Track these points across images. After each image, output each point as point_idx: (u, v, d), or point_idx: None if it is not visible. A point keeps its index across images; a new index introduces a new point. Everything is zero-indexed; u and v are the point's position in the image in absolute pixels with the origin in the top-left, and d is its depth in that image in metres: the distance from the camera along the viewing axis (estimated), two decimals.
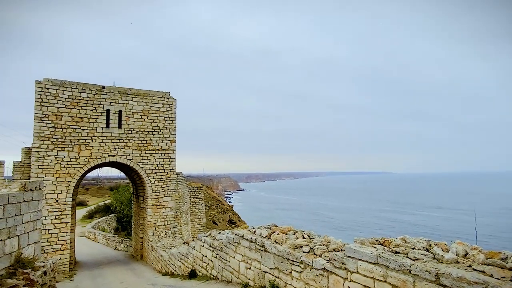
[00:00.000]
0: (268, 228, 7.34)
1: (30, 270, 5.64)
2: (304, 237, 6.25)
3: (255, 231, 7.06)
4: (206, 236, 9.15)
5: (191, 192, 24.32)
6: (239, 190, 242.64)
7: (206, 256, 8.92)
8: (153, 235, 16.59)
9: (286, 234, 6.53)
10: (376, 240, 4.54)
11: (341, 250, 4.90)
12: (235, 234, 7.38)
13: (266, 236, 6.53)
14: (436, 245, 4.01)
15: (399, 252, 4.04)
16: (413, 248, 4.06)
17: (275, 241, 6.15)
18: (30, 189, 6.23)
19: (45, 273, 5.99)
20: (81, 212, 46.54)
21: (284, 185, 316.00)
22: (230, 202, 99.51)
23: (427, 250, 3.98)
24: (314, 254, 5.22)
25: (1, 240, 5.31)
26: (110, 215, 38.90)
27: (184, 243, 15.63)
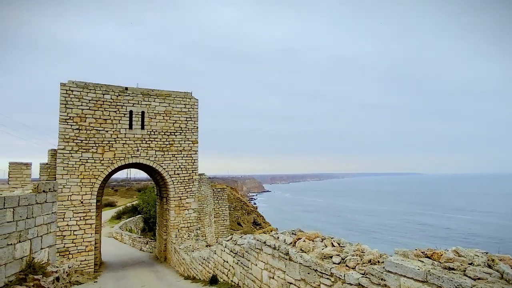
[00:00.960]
0: (292, 233, 6.73)
1: (41, 276, 5.37)
2: (333, 245, 5.59)
3: (278, 237, 6.48)
4: (227, 240, 8.67)
5: (214, 194, 24.06)
6: (264, 191, 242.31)
7: (227, 262, 8.43)
8: (176, 237, 16.39)
9: (313, 241, 5.90)
10: (422, 252, 3.83)
11: (379, 262, 4.22)
12: (257, 240, 6.83)
13: (291, 243, 5.92)
14: (501, 260, 3.26)
15: (453, 268, 3.32)
16: (470, 264, 3.33)
17: (301, 249, 5.53)
18: (44, 191, 5.99)
19: (57, 279, 5.72)
20: (109, 212, 47.81)
21: (309, 186, 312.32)
22: (254, 203, 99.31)
23: (490, 266, 3.24)
24: (346, 266, 4.56)
25: (11, 244, 5.06)
26: (137, 216, 39.54)
27: (206, 246, 15.29)
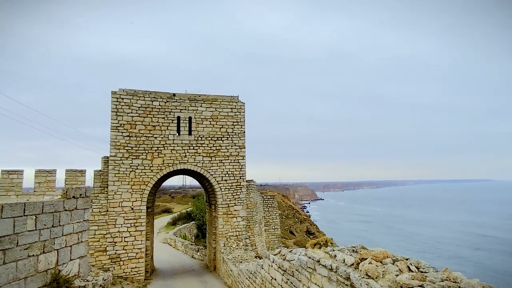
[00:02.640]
0: (353, 250, 5.48)
1: None
2: (410, 269, 4.27)
3: (335, 255, 5.28)
4: (275, 255, 7.62)
5: (264, 201, 23.15)
6: (316, 199, 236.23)
7: (275, 280, 7.37)
8: (224, 246, 15.73)
9: (381, 262, 4.62)
10: None
11: None
12: (309, 257, 5.69)
13: (352, 264, 4.70)
14: None
15: None
16: None
17: (367, 274, 4.29)
18: (73, 197, 5.55)
19: None
20: (166, 219, 49.48)
21: (365, 194, 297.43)
22: (307, 211, 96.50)
23: None
24: None
25: (33, 255, 4.59)
26: (191, 222, 40.17)
27: (256, 257, 14.35)
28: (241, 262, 13.02)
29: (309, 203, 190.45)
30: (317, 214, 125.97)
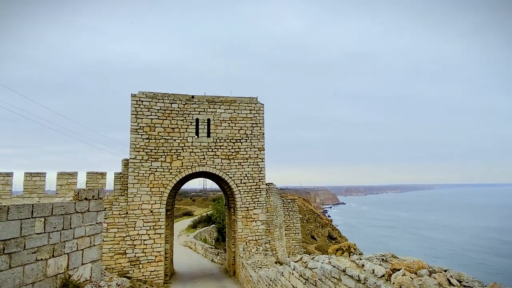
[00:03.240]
0: (383, 259, 4.97)
1: None
2: (451, 283, 3.75)
3: (363, 265, 4.79)
4: (296, 261, 7.17)
5: (284, 205, 22.63)
6: (338, 203, 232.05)
7: None
8: (243, 250, 15.37)
9: (416, 273, 4.11)
10: None
11: None
12: (333, 266, 5.22)
13: (383, 276, 4.21)
14: None
15: None
16: None
17: (400, 287, 3.80)
18: (86, 198, 5.35)
19: None
20: (186, 222, 49.73)
21: (389, 199, 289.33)
22: (328, 216, 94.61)
23: None
24: None
25: (41, 259, 4.39)
26: (212, 226, 40.10)
27: (276, 262, 13.90)
28: (261, 267, 12.61)
29: (331, 207, 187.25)
30: (339, 218, 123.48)
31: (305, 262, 6.75)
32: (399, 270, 4.16)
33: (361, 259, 5.01)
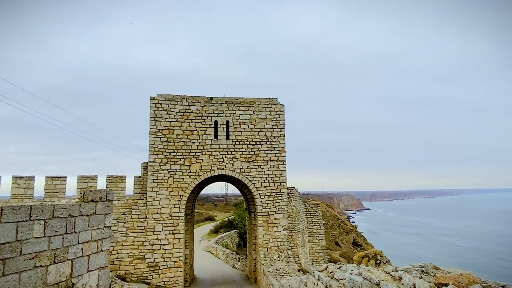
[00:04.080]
0: (423, 271, 4.27)
1: None
2: None
3: (400, 277, 4.12)
4: (321, 271, 6.53)
5: (307, 210, 21.84)
6: (363, 209, 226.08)
7: None
8: (264, 257, 14.77)
9: None
10: None
11: None
12: (365, 278, 4.57)
13: None
14: None
15: None
16: None
17: None
18: (92, 200, 5.00)
19: None
20: (208, 226, 49.64)
21: (416, 204, 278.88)
22: (353, 222, 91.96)
23: None
24: None
25: (41, 266, 4.03)
26: (233, 231, 39.71)
27: (299, 270, 13.20)
28: (283, 275, 11.98)
29: (355, 213, 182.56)
30: (364, 224, 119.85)
31: (331, 272, 6.11)
32: (446, 285, 3.48)
33: (397, 271, 4.34)
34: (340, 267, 6.13)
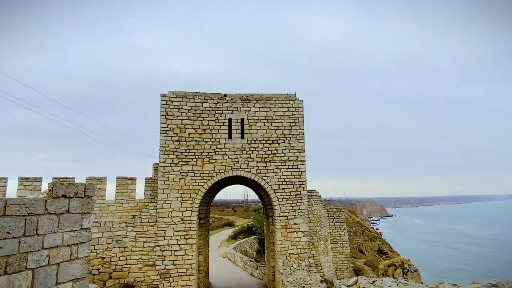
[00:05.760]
0: None
1: None
2: None
3: None
4: (349, 286, 5.34)
5: (330, 215, 20.44)
6: (387, 216, 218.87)
7: None
8: (283, 265, 13.56)
9: None
10: None
11: None
12: None
13: None
14: None
15: None
16: None
17: None
18: (64, 195, 4.08)
19: None
20: (227, 232, 48.76)
21: (443, 211, 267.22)
22: (377, 229, 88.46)
23: None
24: None
25: None
26: (252, 237, 38.64)
27: (322, 281, 11.91)
28: (304, 287, 10.75)
29: (379, 220, 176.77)
30: (388, 232, 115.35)
31: (363, 287, 4.91)
32: None
33: (443, 287, 3.12)
34: (374, 281, 4.93)
